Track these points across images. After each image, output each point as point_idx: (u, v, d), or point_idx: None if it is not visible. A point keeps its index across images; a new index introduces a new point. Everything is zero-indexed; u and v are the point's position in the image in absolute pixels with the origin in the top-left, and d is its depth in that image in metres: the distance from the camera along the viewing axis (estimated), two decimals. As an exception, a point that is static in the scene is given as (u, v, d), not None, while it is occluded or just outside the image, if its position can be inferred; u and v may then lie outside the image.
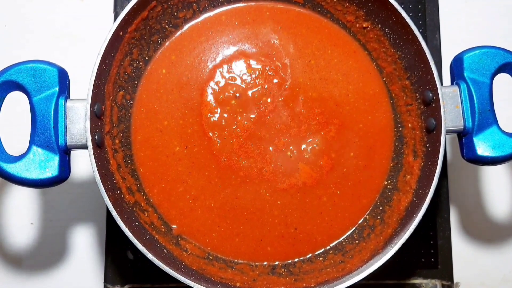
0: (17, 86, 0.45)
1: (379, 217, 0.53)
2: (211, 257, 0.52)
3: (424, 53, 0.47)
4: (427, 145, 0.50)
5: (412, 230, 0.45)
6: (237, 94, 0.54)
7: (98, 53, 0.46)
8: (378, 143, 0.54)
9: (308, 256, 0.53)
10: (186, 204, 0.52)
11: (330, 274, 0.50)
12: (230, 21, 0.55)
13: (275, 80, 0.54)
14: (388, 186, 0.54)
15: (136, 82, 0.54)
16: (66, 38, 0.63)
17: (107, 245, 0.58)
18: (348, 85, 0.55)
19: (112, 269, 0.58)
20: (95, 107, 0.46)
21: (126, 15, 0.48)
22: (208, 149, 0.53)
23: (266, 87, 0.54)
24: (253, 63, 0.54)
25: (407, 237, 0.45)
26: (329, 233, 0.53)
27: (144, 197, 0.52)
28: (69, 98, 0.46)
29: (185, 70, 0.54)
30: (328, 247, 0.53)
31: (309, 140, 0.53)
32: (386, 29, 0.52)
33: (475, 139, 0.46)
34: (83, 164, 0.60)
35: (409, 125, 0.53)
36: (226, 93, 0.54)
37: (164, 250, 0.50)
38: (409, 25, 0.48)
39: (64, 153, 0.45)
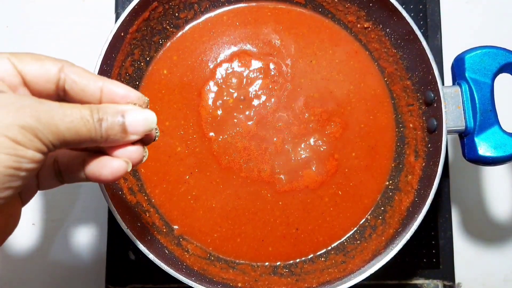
0: (19, 86, 0.45)
1: (380, 217, 0.53)
2: (212, 258, 0.52)
3: (426, 53, 0.47)
4: (429, 145, 0.50)
5: (414, 231, 0.45)
6: (238, 95, 0.54)
7: (99, 54, 0.46)
8: (379, 143, 0.54)
9: (309, 257, 0.53)
10: (188, 205, 0.52)
11: (332, 274, 0.50)
12: (232, 22, 0.55)
13: (277, 81, 0.54)
14: (390, 186, 0.54)
15: (137, 83, 0.54)
16: (67, 39, 0.63)
17: (108, 246, 0.58)
18: (350, 86, 0.55)
19: (113, 270, 0.58)
20: (97, 108, 0.46)
21: (127, 15, 0.48)
22: (209, 149, 0.53)
23: (267, 87, 0.54)
24: (254, 63, 0.54)
25: (408, 237, 0.45)
26: (331, 233, 0.53)
27: (146, 198, 0.52)
28: (70, 98, 0.46)
29: (186, 71, 0.54)
30: (329, 248, 0.53)
31: (311, 140, 0.53)
32: (388, 30, 0.52)
33: (476, 139, 0.46)
34: (85, 164, 0.60)
35: (411, 125, 0.53)
36: (227, 94, 0.54)
37: (166, 251, 0.50)
38: (410, 25, 0.48)
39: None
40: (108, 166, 0.30)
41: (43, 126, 0.26)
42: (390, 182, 0.54)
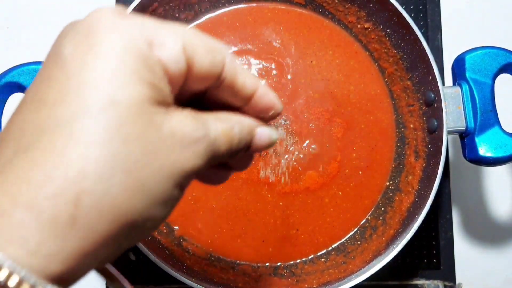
0: (19, 87, 0.45)
1: (381, 218, 0.53)
2: (213, 258, 0.52)
3: (426, 53, 0.47)
4: (429, 145, 0.50)
5: (414, 231, 0.45)
6: (239, 95, 0.54)
7: (100, 55, 0.46)
8: (380, 143, 0.54)
9: (310, 257, 0.53)
10: (188, 205, 0.52)
11: (332, 275, 0.50)
12: (232, 22, 0.55)
13: (277, 81, 0.54)
14: (390, 187, 0.54)
15: (137, 84, 0.54)
16: (68, 40, 0.63)
17: (109, 246, 0.58)
18: (350, 86, 0.55)
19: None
20: (97, 109, 0.46)
21: (127, 16, 0.48)
22: (209, 150, 0.53)
23: (267, 88, 0.54)
24: (254, 63, 0.54)
25: (409, 238, 0.45)
26: (331, 234, 0.53)
27: (146, 198, 0.52)
28: (71, 99, 0.46)
29: (186, 71, 0.54)
30: (330, 248, 0.53)
31: (312, 141, 0.53)
32: (388, 30, 0.52)
33: (477, 140, 0.46)
34: (85, 165, 0.60)
35: (411, 125, 0.53)
36: (228, 94, 0.54)
37: (166, 251, 0.50)
38: (410, 25, 0.48)
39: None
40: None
41: (211, 163, 0.23)
42: (391, 182, 0.54)
